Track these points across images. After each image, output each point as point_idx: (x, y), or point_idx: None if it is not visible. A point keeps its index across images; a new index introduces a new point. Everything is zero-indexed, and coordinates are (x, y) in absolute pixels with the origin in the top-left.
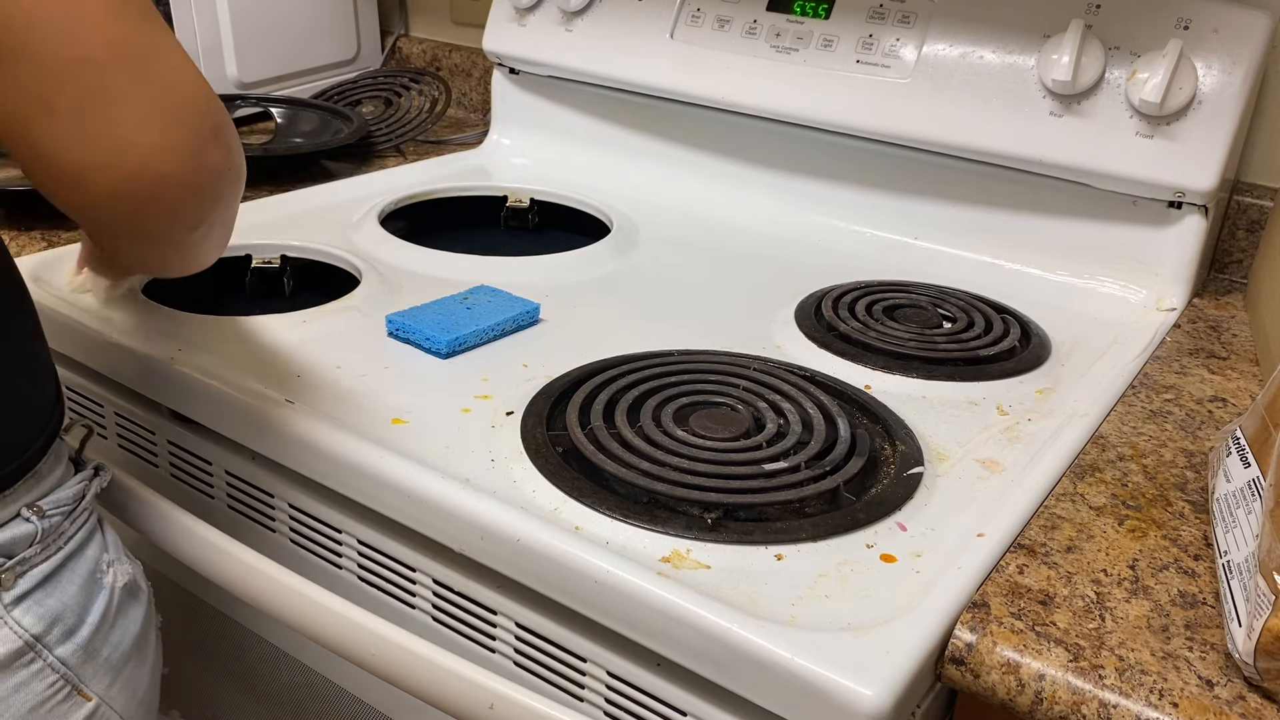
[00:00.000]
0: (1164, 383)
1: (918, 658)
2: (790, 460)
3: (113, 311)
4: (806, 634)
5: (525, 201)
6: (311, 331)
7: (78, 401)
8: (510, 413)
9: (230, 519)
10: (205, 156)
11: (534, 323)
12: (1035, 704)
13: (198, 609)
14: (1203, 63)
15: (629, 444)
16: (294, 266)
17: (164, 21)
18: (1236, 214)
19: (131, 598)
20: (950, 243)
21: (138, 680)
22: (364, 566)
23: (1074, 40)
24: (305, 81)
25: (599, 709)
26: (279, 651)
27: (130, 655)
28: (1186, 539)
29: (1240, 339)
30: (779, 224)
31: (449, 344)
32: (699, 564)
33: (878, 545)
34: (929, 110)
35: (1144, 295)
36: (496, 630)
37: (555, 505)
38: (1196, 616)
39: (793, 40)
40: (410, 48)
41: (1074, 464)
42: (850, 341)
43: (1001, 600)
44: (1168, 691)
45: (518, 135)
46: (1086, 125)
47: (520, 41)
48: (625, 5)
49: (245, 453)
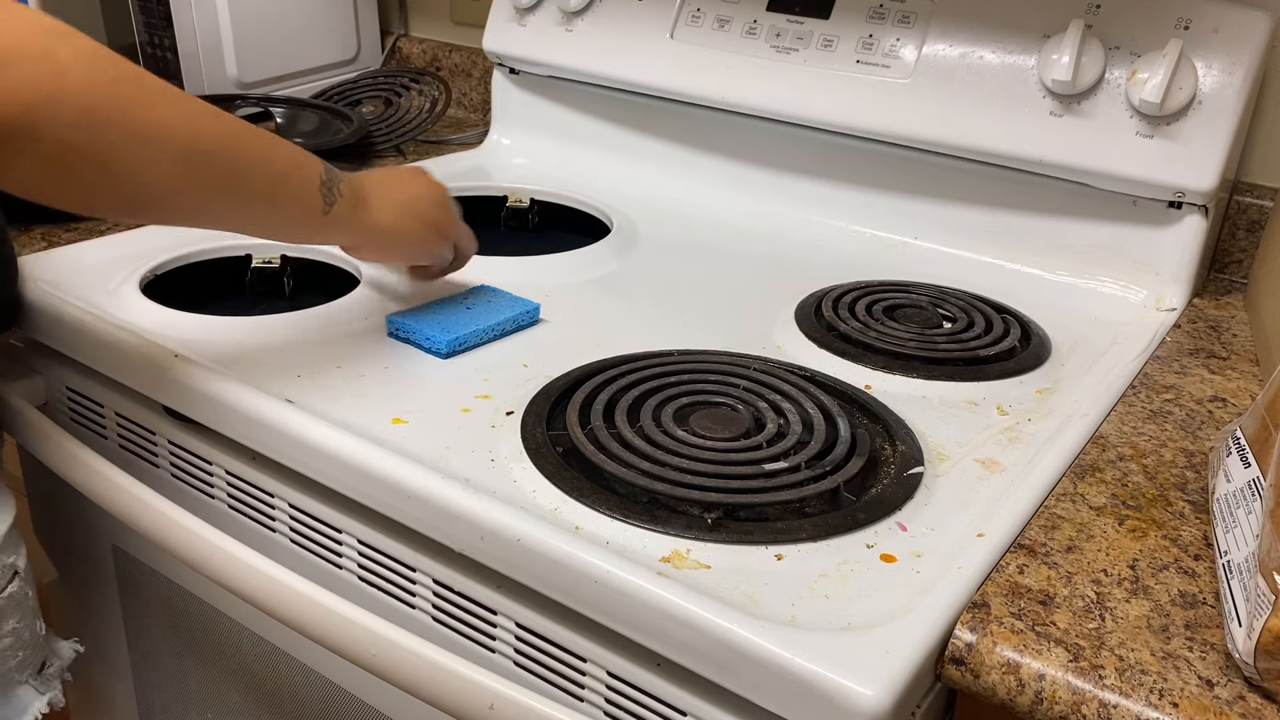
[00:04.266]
0: (1164, 383)
1: (918, 658)
2: (790, 460)
3: (119, 311)
4: (806, 634)
5: (525, 201)
6: (311, 331)
7: (78, 401)
8: (510, 413)
9: (230, 519)
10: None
11: (534, 323)
12: (1035, 704)
13: (197, 609)
14: (1203, 63)
15: (629, 444)
16: (294, 266)
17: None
18: (1236, 214)
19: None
20: (950, 243)
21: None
22: (364, 566)
23: (1074, 40)
24: (305, 81)
25: (599, 709)
26: (279, 651)
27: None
28: (1186, 539)
29: (1240, 339)
30: (779, 224)
31: (449, 344)
32: (699, 564)
33: (878, 545)
34: (929, 110)
35: (1144, 295)
36: (496, 630)
37: (555, 505)
38: (1196, 616)
39: (793, 40)
40: (410, 48)
41: (1074, 464)
42: (850, 341)
43: (1001, 600)
44: (1168, 691)
45: (518, 135)
46: (1086, 125)
47: (520, 41)
48: (625, 5)
49: (245, 453)
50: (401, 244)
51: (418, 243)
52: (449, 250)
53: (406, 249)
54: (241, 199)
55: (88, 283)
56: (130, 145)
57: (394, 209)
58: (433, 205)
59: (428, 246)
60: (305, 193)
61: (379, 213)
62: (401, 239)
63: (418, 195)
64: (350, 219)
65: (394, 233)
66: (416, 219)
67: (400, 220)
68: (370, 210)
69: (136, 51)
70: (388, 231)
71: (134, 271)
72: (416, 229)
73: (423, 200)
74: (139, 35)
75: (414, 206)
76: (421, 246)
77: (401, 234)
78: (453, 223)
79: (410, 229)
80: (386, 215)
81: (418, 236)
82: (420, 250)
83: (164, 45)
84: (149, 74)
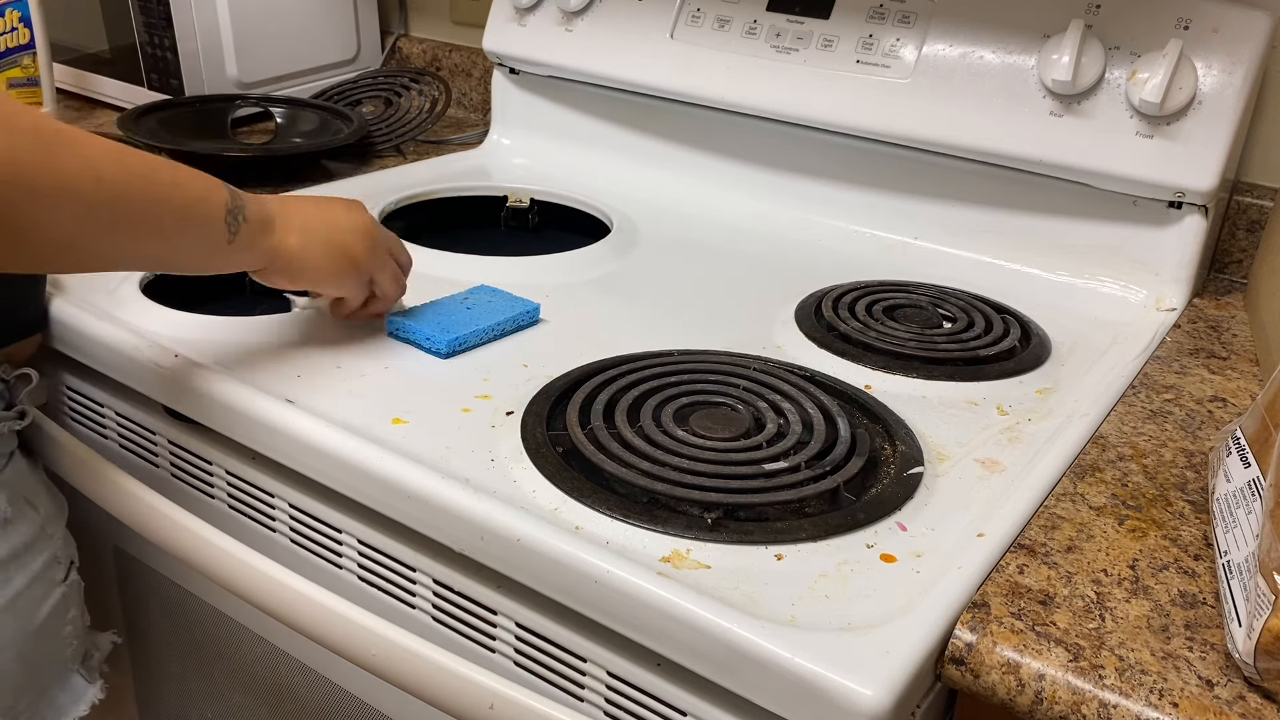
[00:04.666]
0: (1164, 383)
1: (918, 658)
2: (790, 460)
3: (119, 311)
4: (806, 634)
5: (525, 201)
6: (311, 331)
7: (78, 401)
8: (510, 413)
9: (230, 519)
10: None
11: (534, 323)
12: (1035, 704)
13: (197, 609)
14: (1203, 63)
15: (629, 444)
16: None
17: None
18: (1236, 214)
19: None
20: (950, 243)
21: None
22: (364, 566)
23: (1074, 40)
24: (305, 81)
25: (599, 709)
26: (279, 651)
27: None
28: (1186, 539)
29: (1240, 339)
30: (779, 224)
31: (449, 344)
32: (699, 564)
33: (878, 545)
34: (929, 110)
35: (1144, 295)
36: (496, 630)
37: (555, 505)
38: (1196, 616)
39: (793, 40)
40: (410, 48)
41: (1074, 464)
42: (850, 341)
43: (1001, 600)
44: (1168, 691)
45: (518, 135)
46: (1086, 125)
47: (520, 41)
48: (625, 5)
49: (245, 453)
50: (306, 269)
51: (323, 270)
52: (361, 285)
53: (311, 275)
54: (148, 238)
55: (88, 283)
56: (29, 202)
57: (302, 233)
58: (350, 235)
59: (335, 276)
60: (210, 224)
61: (284, 235)
62: (306, 264)
63: (335, 223)
64: (253, 243)
65: (297, 257)
66: (326, 245)
67: (306, 244)
68: (274, 233)
69: (137, 51)
70: (291, 255)
71: (134, 271)
72: (323, 255)
73: (340, 229)
74: (139, 35)
75: (327, 233)
76: (327, 275)
77: (306, 259)
78: (370, 257)
79: (316, 254)
80: (291, 238)
81: (324, 264)
82: (326, 278)
83: (164, 45)
84: (47, 121)
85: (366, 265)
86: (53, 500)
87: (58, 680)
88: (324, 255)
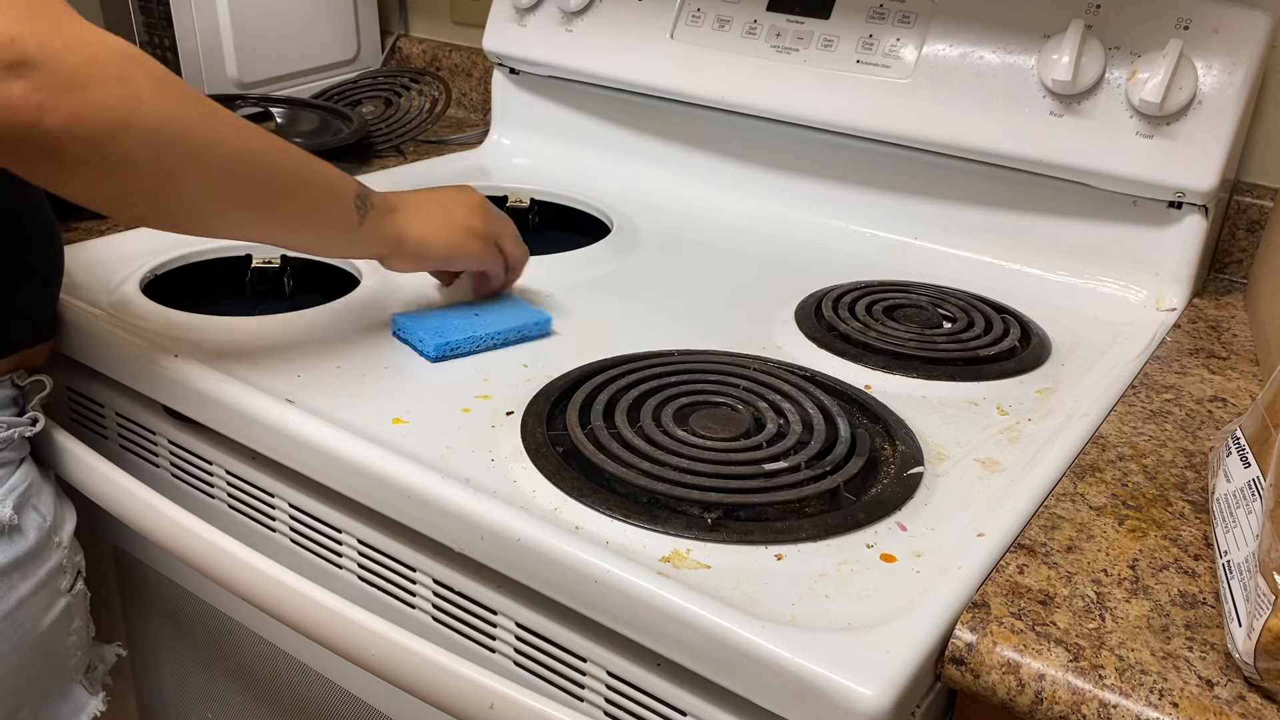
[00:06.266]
0: (1164, 383)
1: (918, 657)
2: (790, 460)
3: (119, 311)
4: (806, 634)
5: (525, 201)
6: (311, 331)
7: (78, 401)
8: (510, 413)
9: (230, 519)
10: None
11: (545, 335)
12: (1035, 704)
13: (197, 609)
14: (1203, 63)
15: (629, 444)
16: (294, 266)
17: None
18: (1236, 214)
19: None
20: (950, 243)
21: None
22: (364, 566)
23: (1074, 40)
24: (305, 81)
25: (599, 709)
26: (279, 651)
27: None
28: (1186, 539)
29: (1240, 339)
30: (779, 224)
31: (437, 348)
32: (699, 564)
33: (878, 545)
34: (929, 110)
35: (1144, 295)
36: (496, 630)
37: (555, 505)
38: (1196, 616)
39: (793, 40)
40: (410, 48)
41: (1074, 464)
42: (850, 341)
43: (1001, 600)
44: (1168, 691)
45: (518, 135)
46: (1086, 125)
47: (520, 41)
48: (625, 5)
49: (245, 453)
50: (430, 252)
51: (451, 248)
52: (492, 252)
53: (438, 256)
54: (284, 217)
55: (88, 283)
56: (191, 167)
57: (423, 220)
58: (466, 209)
59: (463, 250)
60: (342, 206)
61: (407, 222)
62: (430, 247)
63: (449, 204)
64: (380, 228)
65: (421, 241)
66: (447, 227)
67: (427, 229)
68: (398, 219)
69: None
70: (415, 240)
71: (134, 271)
72: (446, 235)
73: (455, 207)
74: (139, 35)
75: (445, 215)
76: (456, 251)
77: (428, 242)
78: (489, 225)
79: (439, 235)
80: (414, 224)
81: (449, 242)
82: (456, 255)
83: (164, 45)
84: (209, 99)
85: (489, 232)
86: (61, 508)
87: (59, 690)
88: (447, 236)
